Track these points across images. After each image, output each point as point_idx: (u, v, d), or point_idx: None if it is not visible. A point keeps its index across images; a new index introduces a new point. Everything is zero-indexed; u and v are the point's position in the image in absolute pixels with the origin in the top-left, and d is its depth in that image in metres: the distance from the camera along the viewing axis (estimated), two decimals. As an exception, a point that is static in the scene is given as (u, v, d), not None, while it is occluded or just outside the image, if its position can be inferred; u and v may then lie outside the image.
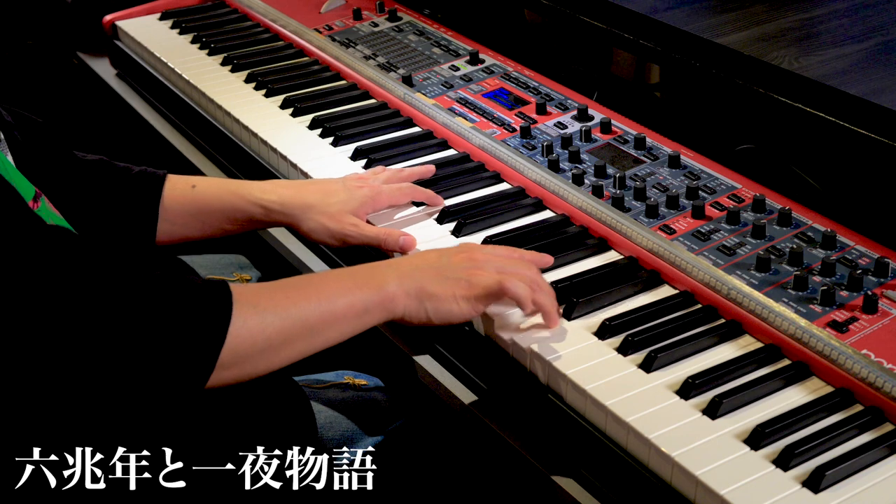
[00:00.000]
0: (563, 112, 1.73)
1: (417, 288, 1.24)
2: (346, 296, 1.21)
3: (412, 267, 1.26)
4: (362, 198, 1.49)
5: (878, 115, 1.41)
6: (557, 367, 1.23)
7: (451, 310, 1.25)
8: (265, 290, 1.21)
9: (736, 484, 1.08)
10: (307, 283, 1.23)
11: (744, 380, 1.21)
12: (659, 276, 1.39)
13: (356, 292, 1.21)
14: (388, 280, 1.23)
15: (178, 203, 1.49)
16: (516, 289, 1.25)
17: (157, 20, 2.24)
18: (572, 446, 1.22)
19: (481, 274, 1.26)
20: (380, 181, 1.53)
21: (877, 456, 1.12)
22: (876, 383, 1.17)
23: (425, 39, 2.02)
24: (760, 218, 1.45)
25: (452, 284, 1.25)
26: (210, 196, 1.49)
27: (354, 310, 1.21)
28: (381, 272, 1.25)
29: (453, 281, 1.25)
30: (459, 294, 1.25)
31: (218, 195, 1.50)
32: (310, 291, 1.20)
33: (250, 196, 1.48)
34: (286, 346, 1.18)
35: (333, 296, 1.20)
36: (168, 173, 1.51)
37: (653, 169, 1.57)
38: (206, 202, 1.49)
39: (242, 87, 1.94)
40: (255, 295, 1.17)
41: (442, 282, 1.25)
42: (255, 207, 1.48)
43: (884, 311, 1.28)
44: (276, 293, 1.19)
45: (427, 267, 1.26)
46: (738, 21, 1.70)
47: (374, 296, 1.22)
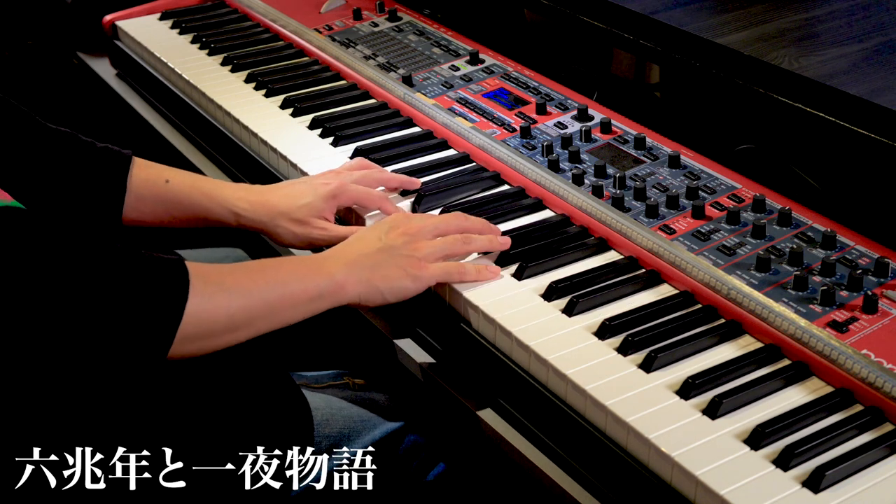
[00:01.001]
0: (563, 112, 1.73)
1: (369, 275, 1.31)
2: (302, 280, 1.27)
3: (358, 254, 1.32)
4: (326, 195, 1.51)
5: (878, 115, 1.41)
6: (558, 367, 1.23)
7: (404, 287, 1.33)
8: (228, 270, 1.25)
9: (736, 484, 1.08)
10: (264, 266, 1.28)
11: (744, 380, 1.21)
12: (659, 276, 1.39)
13: (310, 278, 1.28)
14: (336, 269, 1.30)
15: (150, 192, 1.51)
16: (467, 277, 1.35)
17: (157, 20, 2.24)
18: (572, 446, 1.22)
19: (421, 247, 1.35)
20: (351, 179, 1.54)
21: (877, 456, 1.12)
22: (876, 383, 1.17)
23: (425, 39, 2.02)
24: (760, 218, 1.45)
25: (399, 263, 1.33)
26: (183, 195, 1.52)
27: (308, 294, 1.27)
28: (330, 262, 1.31)
29: (399, 259, 1.33)
30: (410, 271, 1.33)
31: (190, 195, 1.52)
32: (269, 274, 1.25)
33: (223, 201, 1.51)
34: (248, 325, 1.23)
35: (290, 280, 1.26)
36: (133, 154, 1.53)
37: (653, 169, 1.57)
38: (179, 200, 1.52)
39: (242, 87, 1.94)
40: (219, 274, 1.22)
41: (389, 264, 1.32)
42: (227, 213, 1.51)
43: (884, 311, 1.28)
44: (238, 274, 1.24)
45: (372, 252, 1.33)
46: (738, 21, 1.70)
47: (326, 283, 1.28)
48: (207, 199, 1.51)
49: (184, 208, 1.52)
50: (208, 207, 1.51)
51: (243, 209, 1.50)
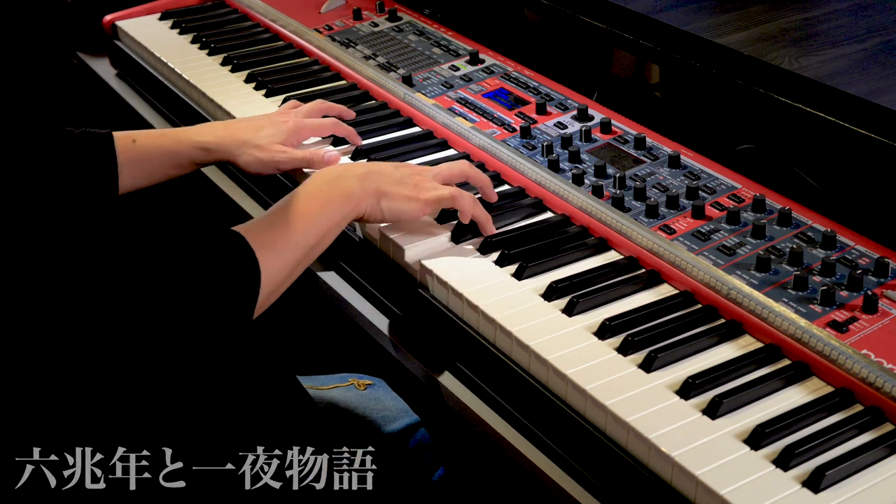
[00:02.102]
0: (563, 112, 1.73)
1: (375, 188, 1.38)
2: (326, 211, 1.34)
3: (368, 170, 1.40)
4: (287, 130, 1.63)
5: (878, 115, 1.41)
6: (558, 367, 1.23)
7: (402, 208, 1.40)
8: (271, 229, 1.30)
9: (736, 484, 1.08)
10: (294, 210, 1.33)
11: (744, 380, 1.21)
12: (659, 276, 1.39)
13: (332, 205, 1.35)
14: (351, 184, 1.37)
15: (122, 156, 1.57)
16: (463, 200, 1.42)
17: (157, 20, 2.24)
18: (572, 446, 1.22)
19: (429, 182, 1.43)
20: (301, 115, 1.68)
21: (877, 456, 1.12)
22: (876, 383, 1.17)
23: (425, 39, 2.02)
24: (760, 218, 1.45)
25: (404, 187, 1.40)
26: (151, 146, 1.59)
27: (334, 221, 1.35)
28: (344, 180, 1.37)
29: (404, 185, 1.40)
30: (411, 195, 1.41)
31: (159, 144, 1.60)
32: (300, 218, 1.31)
33: (188, 140, 1.60)
34: (297, 271, 1.31)
35: (318, 215, 1.33)
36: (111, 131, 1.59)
37: (653, 169, 1.57)
38: (149, 153, 1.59)
39: (242, 87, 1.94)
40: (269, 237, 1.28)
41: (395, 183, 1.40)
42: (195, 150, 1.59)
43: (884, 311, 1.28)
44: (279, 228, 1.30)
45: (381, 170, 1.41)
46: (738, 21, 1.70)
47: (346, 203, 1.36)
48: (173, 142, 1.60)
49: (153, 158, 1.59)
50: (177, 149, 1.59)
51: (210, 142, 1.59)
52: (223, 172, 1.83)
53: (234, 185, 1.81)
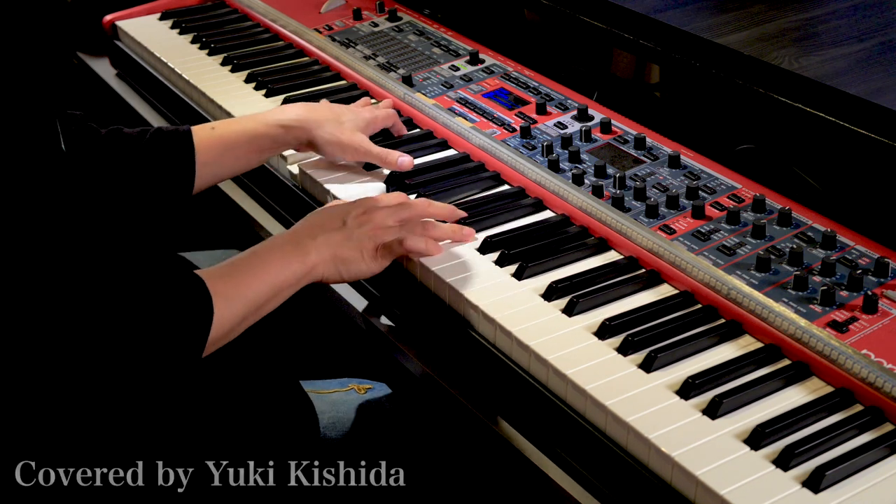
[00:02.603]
0: (563, 112, 1.73)
1: (332, 254, 1.38)
2: (283, 271, 1.34)
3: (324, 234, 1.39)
4: (366, 119, 1.67)
5: (878, 115, 1.41)
6: (558, 367, 1.23)
7: (360, 269, 1.39)
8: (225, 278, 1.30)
9: (736, 484, 1.08)
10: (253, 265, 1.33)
11: (744, 380, 1.21)
12: (659, 276, 1.39)
13: (289, 266, 1.34)
14: (309, 251, 1.36)
15: (205, 146, 1.59)
16: (415, 244, 1.40)
17: (157, 20, 2.24)
18: (572, 446, 1.22)
19: (381, 234, 1.40)
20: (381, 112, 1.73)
21: (877, 456, 1.12)
22: (876, 383, 1.17)
23: (425, 39, 2.02)
24: (760, 218, 1.45)
25: (358, 246, 1.39)
26: (232, 131, 1.62)
27: (290, 282, 1.34)
28: (303, 244, 1.37)
29: (358, 242, 1.39)
30: (367, 255, 1.39)
31: (239, 128, 1.62)
32: (257, 273, 1.32)
33: (267, 120, 1.62)
34: (243, 325, 1.31)
35: (273, 273, 1.33)
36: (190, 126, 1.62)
37: (653, 169, 1.57)
38: (231, 137, 1.61)
39: (242, 87, 1.94)
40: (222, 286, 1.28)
41: (350, 245, 1.39)
42: (275, 129, 1.61)
43: (884, 311, 1.28)
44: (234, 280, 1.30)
45: (334, 232, 1.39)
46: (738, 21, 1.70)
47: (302, 267, 1.35)
48: (253, 122, 1.62)
49: (237, 143, 1.61)
50: (257, 130, 1.61)
51: (291, 119, 1.62)
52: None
53: (234, 185, 1.81)
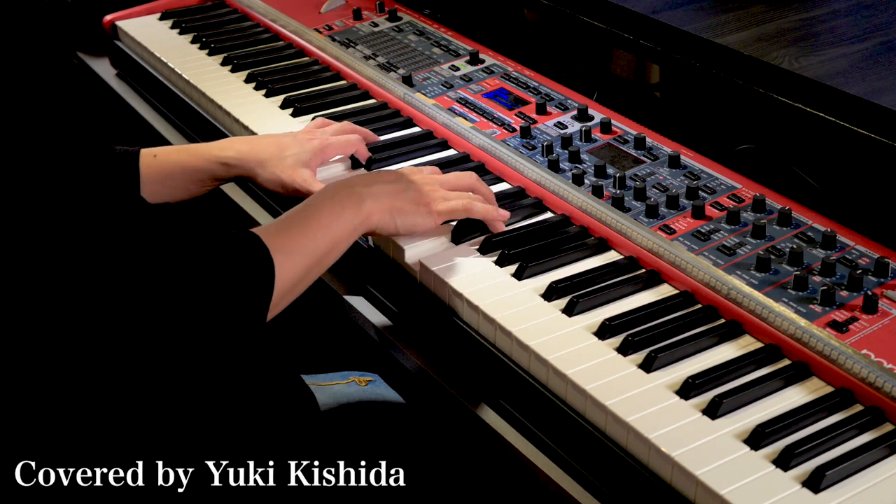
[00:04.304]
0: (563, 112, 1.73)
1: (389, 203, 1.38)
2: (338, 221, 1.33)
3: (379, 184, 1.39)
4: (312, 150, 1.59)
5: (878, 115, 1.41)
6: (558, 366, 1.23)
7: (416, 222, 1.40)
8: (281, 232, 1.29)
9: (736, 484, 1.08)
10: (307, 216, 1.32)
11: (744, 380, 1.21)
12: (659, 276, 1.39)
13: (344, 215, 1.34)
14: (364, 198, 1.36)
15: (144, 172, 1.56)
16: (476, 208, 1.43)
17: (157, 20, 2.24)
18: (572, 446, 1.22)
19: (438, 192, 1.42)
20: (328, 133, 1.64)
21: (877, 456, 1.12)
22: (876, 383, 1.17)
23: (425, 39, 2.02)
24: (760, 218, 1.45)
25: (414, 199, 1.40)
26: (172, 162, 1.57)
27: (346, 231, 1.34)
28: (357, 192, 1.36)
29: (414, 195, 1.40)
30: (423, 209, 1.40)
31: (179, 160, 1.58)
32: (313, 225, 1.31)
33: (209, 155, 1.57)
34: (308, 278, 1.29)
35: (330, 223, 1.32)
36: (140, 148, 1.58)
37: (653, 169, 1.57)
38: (170, 168, 1.57)
39: (242, 87, 1.94)
40: (281, 240, 1.27)
41: (406, 197, 1.40)
42: (216, 165, 1.57)
43: (884, 311, 1.28)
44: (291, 232, 1.29)
45: (391, 183, 1.40)
46: (738, 21, 1.70)
47: (357, 215, 1.35)
48: (194, 157, 1.57)
49: (175, 174, 1.57)
50: (197, 165, 1.57)
51: (231, 157, 1.56)
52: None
53: (237, 188, 1.80)
